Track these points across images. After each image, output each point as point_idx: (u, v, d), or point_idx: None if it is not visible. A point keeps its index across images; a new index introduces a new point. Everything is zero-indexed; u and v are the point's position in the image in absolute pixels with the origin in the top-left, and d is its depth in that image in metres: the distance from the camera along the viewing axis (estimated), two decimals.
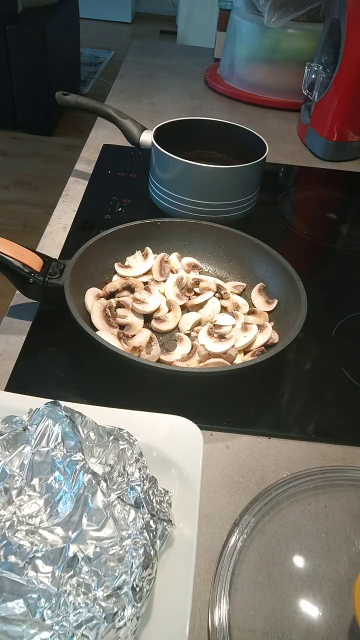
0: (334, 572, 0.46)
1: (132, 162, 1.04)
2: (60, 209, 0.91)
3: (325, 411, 0.62)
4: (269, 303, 0.71)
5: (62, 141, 3.02)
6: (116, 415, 0.51)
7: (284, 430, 0.59)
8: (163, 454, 0.49)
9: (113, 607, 0.36)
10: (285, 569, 0.47)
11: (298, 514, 0.50)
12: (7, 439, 0.44)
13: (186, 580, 0.42)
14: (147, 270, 0.74)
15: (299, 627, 0.43)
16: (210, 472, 0.54)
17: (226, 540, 0.47)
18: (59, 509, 0.40)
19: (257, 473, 0.54)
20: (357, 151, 1.18)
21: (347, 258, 0.90)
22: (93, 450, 0.44)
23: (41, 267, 0.64)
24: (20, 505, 0.40)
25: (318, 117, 1.15)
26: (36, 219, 2.33)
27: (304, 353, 0.68)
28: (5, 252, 0.62)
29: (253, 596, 0.44)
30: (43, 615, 0.35)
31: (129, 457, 0.45)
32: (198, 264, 0.77)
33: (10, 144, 2.98)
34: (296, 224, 0.96)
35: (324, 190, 1.11)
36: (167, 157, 0.81)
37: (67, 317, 0.59)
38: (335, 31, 1.06)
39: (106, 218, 0.89)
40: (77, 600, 0.35)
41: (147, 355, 0.61)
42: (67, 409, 0.45)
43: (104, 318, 0.64)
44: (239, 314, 0.69)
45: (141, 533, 0.40)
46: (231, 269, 0.77)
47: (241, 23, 1.32)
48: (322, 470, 0.53)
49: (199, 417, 0.53)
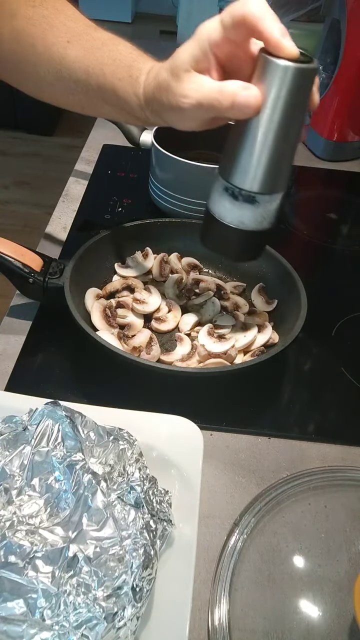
0: (334, 572, 0.46)
1: (132, 162, 1.04)
2: (60, 209, 0.91)
3: (325, 411, 0.62)
4: (269, 303, 0.71)
5: (62, 141, 3.02)
6: (116, 415, 0.51)
7: (284, 430, 0.59)
8: (163, 454, 0.49)
9: (113, 607, 0.36)
10: (285, 569, 0.47)
11: (298, 514, 0.50)
12: (7, 439, 0.44)
13: (186, 580, 0.42)
14: (147, 270, 0.74)
15: (299, 627, 0.43)
16: (210, 472, 0.54)
17: (226, 540, 0.47)
18: (59, 509, 0.40)
19: (257, 473, 0.54)
20: (357, 151, 1.18)
21: (347, 258, 0.90)
22: (93, 450, 0.44)
23: (41, 267, 0.64)
24: (20, 505, 0.40)
25: (318, 117, 1.15)
26: (36, 219, 2.32)
27: (304, 353, 0.68)
28: (5, 252, 0.62)
29: (253, 596, 0.44)
30: (43, 615, 0.35)
31: (129, 457, 0.45)
32: (198, 264, 0.77)
33: (10, 144, 2.98)
34: (296, 224, 0.96)
35: (324, 190, 1.11)
36: (167, 157, 0.81)
37: (67, 317, 0.59)
38: (335, 31, 1.06)
39: (106, 218, 0.89)
40: (77, 600, 0.35)
41: (147, 355, 0.61)
42: (67, 409, 0.45)
43: (104, 318, 0.64)
44: (239, 314, 0.69)
45: (141, 533, 0.40)
46: (231, 269, 0.77)
47: None
48: (322, 470, 0.53)
49: (199, 417, 0.53)
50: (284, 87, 0.43)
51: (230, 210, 0.50)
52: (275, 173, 0.48)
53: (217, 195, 0.51)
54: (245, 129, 0.46)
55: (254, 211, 0.50)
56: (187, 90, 0.44)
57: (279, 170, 0.48)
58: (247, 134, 0.46)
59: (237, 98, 0.43)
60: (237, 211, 0.50)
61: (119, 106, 0.52)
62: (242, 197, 0.49)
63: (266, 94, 0.44)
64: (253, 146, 0.46)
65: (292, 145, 0.48)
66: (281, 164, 0.48)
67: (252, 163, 0.47)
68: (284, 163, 0.48)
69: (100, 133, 1.15)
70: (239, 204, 0.49)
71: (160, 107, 0.47)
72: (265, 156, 0.46)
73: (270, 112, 0.44)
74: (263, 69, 0.43)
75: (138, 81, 0.49)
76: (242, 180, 0.48)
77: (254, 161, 0.47)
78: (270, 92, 0.44)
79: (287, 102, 0.44)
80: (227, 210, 0.51)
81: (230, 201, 0.50)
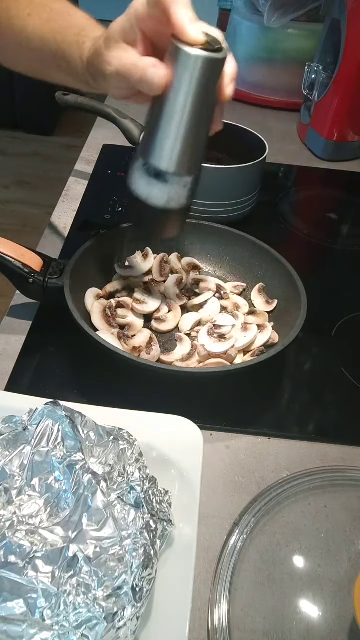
0: (334, 572, 0.46)
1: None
2: (60, 209, 0.91)
3: (325, 411, 0.62)
4: (269, 303, 0.71)
5: (62, 141, 3.01)
6: (116, 415, 0.51)
7: (284, 430, 0.59)
8: (163, 454, 0.49)
9: (113, 607, 0.36)
10: (285, 569, 0.47)
11: (298, 514, 0.50)
12: (7, 439, 0.44)
13: (186, 580, 0.42)
14: (147, 270, 0.74)
15: (299, 627, 0.43)
16: (210, 472, 0.53)
17: (226, 540, 0.47)
18: (59, 509, 0.40)
19: (257, 473, 0.54)
20: (357, 151, 1.18)
21: (347, 258, 0.90)
22: (93, 450, 0.44)
23: (41, 267, 0.64)
24: (20, 505, 0.40)
25: (318, 117, 1.15)
26: (36, 219, 2.32)
27: (304, 353, 0.68)
28: (5, 252, 0.62)
29: (253, 596, 0.44)
30: (43, 615, 0.35)
31: (129, 457, 0.45)
32: (198, 264, 0.77)
33: (10, 144, 2.98)
34: (296, 224, 0.96)
35: (324, 190, 1.11)
36: None
37: (67, 317, 0.59)
38: (335, 31, 1.06)
39: (106, 218, 0.89)
40: (77, 600, 0.35)
41: (147, 355, 0.61)
42: (67, 409, 0.45)
43: (104, 318, 0.64)
44: (239, 314, 0.69)
45: (141, 533, 0.40)
46: (231, 269, 0.77)
47: (241, 23, 1.32)
48: (322, 470, 0.53)
49: (199, 417, 0.54)
50: (186, 72, 0.45)
51: (144, 187, 0.53)
52: (187, 155, 0.50)
53: (134, 169, 0.54)
54: (159, 108, 0.48)
55: (163, 190, 0.52)
56: (110, 57, 0.47)
57: (190, 152, 0.50)
58: (160, 115, 0.48)
59: (145, 73, 0.45)
60: (149, 188, 0.53)
61: (68, 71, 0.55)
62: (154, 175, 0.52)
63: (173, 76, 0.46)
64: (165, 127, 0.49)
65: (201, 130, 0.50)
66: (192, 146, 0.50)
67: (165, 144, 0.50)
68: (195, 145, 0.50)
69: (100, 133, 1.15)
70: (151, 181, 0.52)
71: (95, 72, 0.51)
72: (176, 138, 0.49)
73: (176, 94, 0.47)
74: (172, 51, 0.46)
75: (83, 47, 0.52)
76: (157, 160, 0.51)
77: (166, 142, 0.49)
78: (175, 75, 0.46)
79: (190, 87, 0.46)
80: (141, 187, 0.53)
81: (145, 177, 0.52)
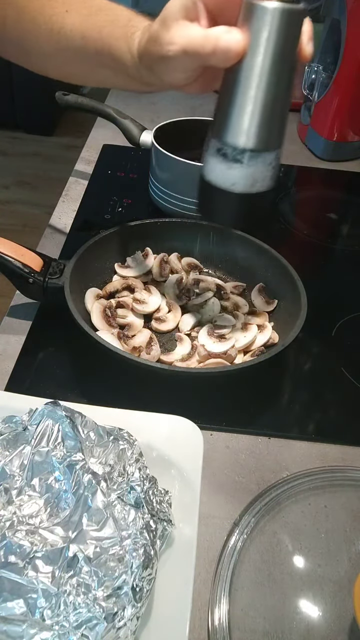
0: (334, 572, 0.46)
1: (132, 162, 1.04)
2: (60, 209, 0.91)
3: (325, 411, 0.62)
4: (269, 303, 0.71)
5: (62, 141, 3.02)
6: (116, 415, 0.51)
7: (284, 430, 0.59)
8: (163, 454, 0.49)
9: (113, 607, 0.36)
10: (285, 569, 0.47)
11: (298, 514, 0.50)
12: (7, 439, 0.44)
13: (186, 580, 0.42)
14: (147, 270, 0.74)
15: (299, 627, 0.43)
16: (210, 472, 0.54)
17: (226, 540, 0.47)
18: (59, 509, 0.40)
19: (257, 473, 0.54)
20: (357, 151, 1.18)
21: (347, 258, 0.90)
22: (93, 450, 0.44)
23: (41, 267, 0.65)
24: (20, 505, 0.40)
25: (318, 117, 1.15)
26: (36, 219, 2.32)
27: (304, 353, 0.68)
28: (5, 252, 0.62)
29: (253, 596, 0.44)
30: (43, 615, 0.35)
31: (129, 457, 0.45)
32: (198, 264, 0.77)
33: (10, 144, 2.98)
34: (296, 224, 0.96)
35: (324, 190, 1.11)
36: (167, 157, 0.81)
37: (67, 317, 0.59)
38: (335, 31, 1.06)
39: (106, 218, 0.89)
40: (77, 600, 0.35)
41: (147, 355, 0.61)
42: (67, 409, 0.45)
43: (104, 318, 0.64)
44: (239, 314, 0.69)
45: (141, 533, 0.40)
46: (231, 269, 0.77)
47: None
48: (322, 470, 0.53)
49: (199, 417, 0.53)
50: (263, 29, 0.42)
51: (224, 173, 0.48)
52: (268, 126, 0.46)
53: (209, 158, 0.49)
54: (233, 80, 0.44)
55: (246, 172, 0.48)
56: (173, 37, 0.44)
57: (272, 124, 0.46)
58: (236, 86, 0.44)
59: (219, 42, 0.42)
60: (229, 173, 0.48)
61: (115, 68, 0.52)
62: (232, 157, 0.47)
63: (250, 38, 0.42)
64: (242, 98, 0.44)
65: (282, 97, 0.45)
66: (273, 117, 0.46)
67: (243, 117, 0.45)
68: (276, 115, 0.46)
69: (100, 133, 1.15)
70: (231, 165, 0.48)
71: (150, 60, 0.47)
72: (255, 108, 0.44)
73: (253, 56, 0.43)
74: (245, 12, 0.42)
75: (133, 38, 0.49)
76: (234, 137, 0.46)
77: (245, 115, 0.45)
78: (253, 35, 0.42)
79: (269, 44, 0.42)
80: (219, 173, 0.49)
81: (223, 162, 0.48)
